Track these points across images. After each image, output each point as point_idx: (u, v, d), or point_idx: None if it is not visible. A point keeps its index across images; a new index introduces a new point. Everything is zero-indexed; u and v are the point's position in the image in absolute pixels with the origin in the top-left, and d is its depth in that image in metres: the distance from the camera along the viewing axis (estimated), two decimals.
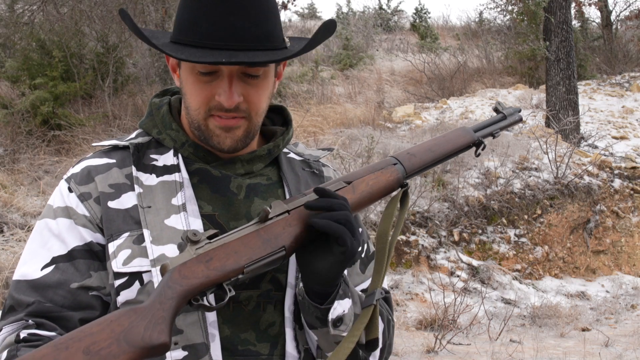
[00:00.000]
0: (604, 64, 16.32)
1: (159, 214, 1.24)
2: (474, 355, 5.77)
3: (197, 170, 1.30)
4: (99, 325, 1.04)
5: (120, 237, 1.23)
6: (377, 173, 1.32)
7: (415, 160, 1.38)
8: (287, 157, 1.41)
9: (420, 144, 1.42)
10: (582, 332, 6.71)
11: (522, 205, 8.61)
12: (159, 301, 1.08)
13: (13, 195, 7.23)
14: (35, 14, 11.45)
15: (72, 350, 1.00)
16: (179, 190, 1.27)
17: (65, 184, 1.31)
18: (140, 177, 1.28)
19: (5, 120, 9.89)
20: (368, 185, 1.30)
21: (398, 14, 21.92)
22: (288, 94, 12.19)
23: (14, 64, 10.49)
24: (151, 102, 1.38)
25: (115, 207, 1.26)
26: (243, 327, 1.24)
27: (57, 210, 1.28)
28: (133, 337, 1.03)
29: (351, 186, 1.29)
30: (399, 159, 1.36)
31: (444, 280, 7.25)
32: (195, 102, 1.26)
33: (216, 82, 1.24)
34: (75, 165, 1.34)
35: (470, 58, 16.08)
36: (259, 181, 1.33)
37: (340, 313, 1.23)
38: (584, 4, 17.73)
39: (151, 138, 1.34)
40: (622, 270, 8.98)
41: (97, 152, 1.36)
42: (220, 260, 1.13)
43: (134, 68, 12.31)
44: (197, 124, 1.28)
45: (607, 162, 9.63)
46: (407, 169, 1.36)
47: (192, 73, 1.24)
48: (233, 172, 1.31)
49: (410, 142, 9.43)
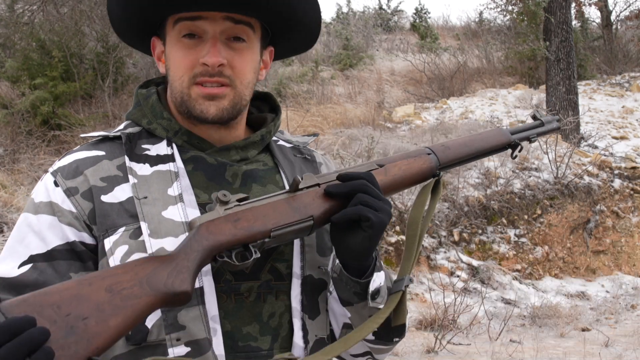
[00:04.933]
0: (604, 64, 16.32)
1: (156, 204, 1.20)
2: (474, 355, 5.77)
3: (191, 157, 1.28)
4: (123, 268, 1.05)
5: (116, 233, 1.19)
6: (410, 160, 1.33)
7: (450, 153, 1.39)
8: (277, 144, 1.40)
9: (455, 138, 1.43)
10: (582, 332, 6.71)
11: (522, 205, 8.61)
12: (184, 252, 1.09)
13: (13, 195, 7.23)
14: (35, 14, 11.46)
15: (95, 287, 1.01)
16: (174, 180, 1.23)
17: (51, 177, 1.25)
18: (133, 167, 1.24)
19: (5, 120, 9.89)
20: (400, 170, 1.31)
21: (398, 14, 21.92)
22: (288, 94, 12.19)
23: (14, 64, 10.49)
24: (138, 92, 1.34)
25: (109, 201, 1.21)
26: (246, 320, 1.23)
27: (39, 206, 1.22)
28: (156, 281, 1.05)
29: (384, 169, 1.30)
30: (433, 150, 1.38)
31: (444, 280, 7.25)
32: (179, 70, 1.24)
33: (200, 47, 1.23)
34: (62, 158, 1.28)
35: (470, 58, 16.08)
36: (255, 167, 1.32)
37: (377, 285, 1.24)
38: (584, 4, 17.74)
39: (141, 128, 1.30)
40: (622, 270, 8.97)
41: (84, 144, 1.31)
42: (248, 221, 1.14)
43: (134, 68, 12.31)
44: (180, 95, 1.26)
45: (607, 162, 9.63)
46: (441, 160, 1.37)
47: (178, 42, 1.24)
48: (228, 159, 1.29)
49: (410, 142, 9.43)
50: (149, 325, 1.16)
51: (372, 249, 1.21)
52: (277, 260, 1.27)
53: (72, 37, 10.73)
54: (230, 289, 1.21)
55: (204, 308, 1.18)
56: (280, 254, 1.27)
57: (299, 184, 1.20)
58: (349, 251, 1.21)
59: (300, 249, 1.27)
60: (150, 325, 1.16)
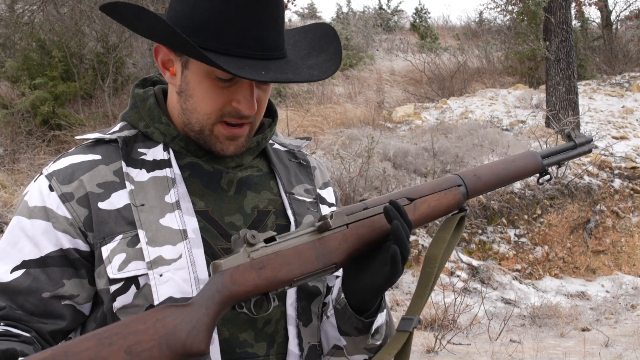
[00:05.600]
0: (604, 64, 16.32)
1: (153, 212, 1.19)
2: (474, 355, 5.77)
3: (188, 164, 1.27)
4: (144, 323, 1.04)
5: (114, 240, 1.18)
6: (440, 194, 1.29)
7: (479, 184, 1.35)
8: (272, 147, 1.39)
9: (489, 165, 1.38)
10: (582, 332, 6.71)
11: (522, 205, 8.62)
12: (206, 305, 1.08)
13: (13, 195, 7.23)
14: (35, 14, 11.47)
15: (115, 348, 1.01)
16: (171, 186, 1.22)
17: (45, 180, 1.22)
18: (130, 173, 1.22)
19: (5, 120, 9.89)
20: (429, 207, 1.28)
21: (398, 14, 21.92)
22: (288, 94, 12.18)
23: (14, 64, 10.49)
24: (135, 93, 1.31)
25: (106, 208, 1.19)
26: (242, 327, 1.23)
27: (33, 210, 1.20)
28: (175, 342, 1.04)
29: (413, 205, 1.26)
30: (464, 181, 1.33)
31: (444, 280, 7.25)
32: (207, 108, 1.21)
33: (234, 88, 1.21)
34: (57, 161, 1.26)
35: (470, 58, 16.07)
36: (250, 173, 1.31)
37: (379, 324, 1.26)
38: (584, 4, 17.73)
39: (137, 131, 1.28)
40: (622, 270, 8.98)
41: (79, 147, 1.28)
42: (273, 270, 1.13)
43: (134, 68, 12.31)
44: (200, 128, 1.24)
45: (607, 162, 9.63)
46: (470, 192, 1.33)
47: (208, 78, 1.20)
48: (224, 166, 1.29)
49: (410, 142, 9.43)
50: None
51: (384, 291, 1.21)
52: None
53: (72, 37, 10.73)
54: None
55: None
56: None
57: (329, 227, 1.18)
58: (362, 291, 1.21)
59: None
60: None
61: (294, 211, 1.31)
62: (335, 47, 1.28)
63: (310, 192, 1.37)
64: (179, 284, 1.17)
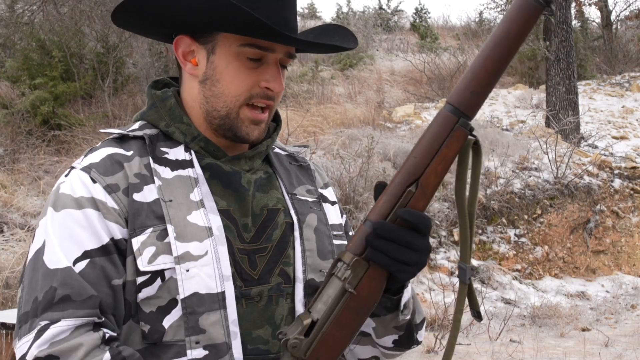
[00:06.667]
0: (604, 64, 16.33)
1: (181, 208, 1.21)
2: (474, 355, 5.78)
3: (208, 165, 1.28)
4: None
5: (144, 233, 1.19)
6: (443, 152, 1.11)
7: (479, 99, 1.14)
8: (274, 152, 1.42)
9: (476, 70, 1.16)
10: (582, 332, 6.72)
11: (522, 205, 8.62)
12: None
13: (13, 195, 7.23)
14: (35, 14, 11.48)
15: None
16: (194, 185, 1.24)
17: (84, 174, 1.21)
18: (157, 169, 1.24)
19: (5, 120, 9.89)
20: (437, 175, 1.13)
21: (398, 14, 21.92)
22: (288, 94, 12.18)
23: (14, 64, 10.49)
24: (153, 93, 1.32)
25: (140, 200, 1.21)
26: (258, 324, 1.24)
27: (81, 201, 1.19)
28: None
29: (421, 188, 1.12)
30: (460, 110, 1.11)
31: (444, 280, 7.25)
32: (237, 89, 1.25)
33: (262, 69, 1.25)
34: (89, 154, 1.25)
35: (470, 58, 16.07)
36: (259, 176, 1.34)
37: (407, 298, 1.28)
38: (584, 4, 17.75)
39: (158, 131, 1.30)
40: (622, 270, 8.98)
41: (106, 140, 1.28)
42: (328, 353, 1.13)
43: (134, 68, 12.31)
44: (226, 111, 1.26)
45: (607, 162, 9.63)
46: (471, 115, 1.13)
47: (237, 59, 1.24)
48: (239, 168, 1.31)
49: (411, 142, 9.42)
50: (165, 326, 1.17)
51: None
52: (286, 264, 1.29)
53: (72, 37, 10.73)
54: (240, 294, 1.23)
55: (225, 312, 1.19)
56: (287, 257, 1.29)
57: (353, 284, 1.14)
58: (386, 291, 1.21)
59: (302, 253, 1.29)
60: (167, 326, 1.17)
61: (296, 210, 1.33)
62: (344, 29, 1.34)
63: (312, 192, 1.40)
64: (204, 279, 1.18)
